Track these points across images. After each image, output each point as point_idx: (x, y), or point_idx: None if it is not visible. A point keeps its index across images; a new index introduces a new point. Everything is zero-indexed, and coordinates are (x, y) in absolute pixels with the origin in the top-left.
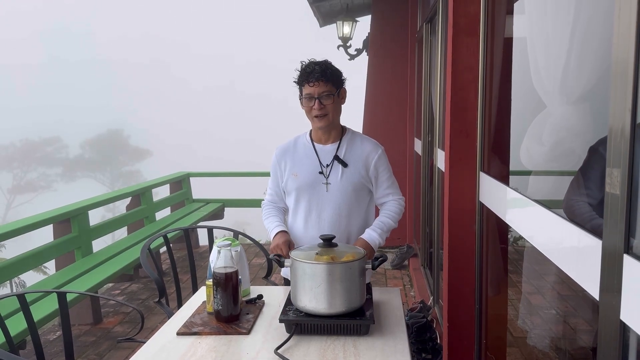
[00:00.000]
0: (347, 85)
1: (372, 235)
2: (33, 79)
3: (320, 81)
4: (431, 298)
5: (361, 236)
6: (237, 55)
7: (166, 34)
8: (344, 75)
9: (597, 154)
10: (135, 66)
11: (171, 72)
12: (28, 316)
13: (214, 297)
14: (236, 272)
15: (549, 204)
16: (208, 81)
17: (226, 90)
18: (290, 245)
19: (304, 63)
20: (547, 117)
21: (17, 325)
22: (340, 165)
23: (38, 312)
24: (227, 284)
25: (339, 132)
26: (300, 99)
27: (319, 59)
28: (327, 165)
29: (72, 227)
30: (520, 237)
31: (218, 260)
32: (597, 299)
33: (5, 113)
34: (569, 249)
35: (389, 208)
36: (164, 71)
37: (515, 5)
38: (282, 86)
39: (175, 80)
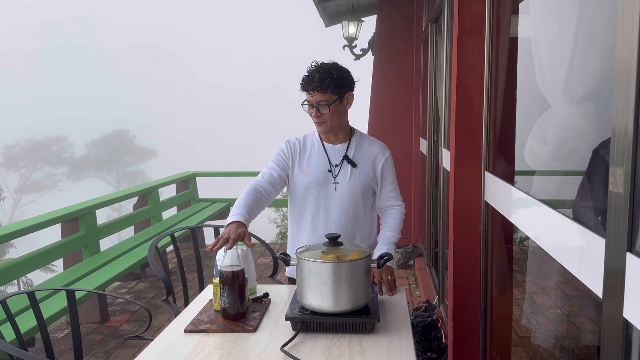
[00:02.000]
0: None
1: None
2: (34, 71)
3: (317, 91)
4: (436, 297)
5: (378, 255)
6: (236, 53)
7: (173, 26)
8: (356, 77)
9: (598, 156)
10: (140, 57)
11: (176, 65)
12: (38, 314)
13: (221, 295)
14: (242, 271)
15: (553, 204)
16: (212, 77)
17: (229, 87)
18: (241, 236)
19: (313, 65)
20: (552, 116)
21: (25, 323)
22: (349, 165)
23: (46, 310)
24: (234, 282)
25: (348, 133)
26: (302, 103)
27: (325, 59)
28: (337, 165)
29: (79, 226)
30: (526, 238)
31: (225, 259)
32: (601, 297)
33: (7, 109)
34: (573, 248)
35: (391, 221)
36: (170, 63)
37: (520, 5)
38: (285, 85)
39: (181, 74)
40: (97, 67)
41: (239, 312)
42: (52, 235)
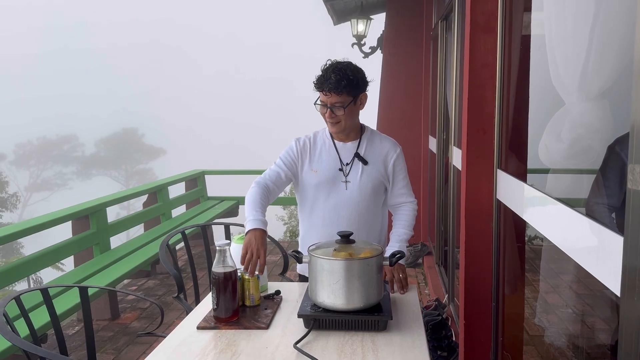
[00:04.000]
0: None
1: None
2: (38, 70)
3: (333, 92)
4: (446, 296)
5: (390, 253)
6: (250, 47)
7: (179, 19)
8: (369, 77)
9: (613, 153)
10: (143, 53)
11: (179, 58)
12: (51, 310)
13: (213, 298)
14: (235, 272)
15: (568, 202)
16: (218, 67)
17: (235, 78)
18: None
19: (327, 63)
20: (566, 114)
21: (37, 319)
22: (360, 163)
23: (57, 307)
24: (227, 284)
25: (358, 131)
26: (315, 102)
27: (336, 57)
28: (348, 164)
29: (90, 223)
30: (536, 237)
31: (217, 260)
32: (619, 295)
33: (16, 104)
34: (590, 246)
35: (403, 218)
36: (173, 56)
37: (534, 1)
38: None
39: (183, 67)
40: (100, 66)
41: (233, 312)
42: (62, 233)
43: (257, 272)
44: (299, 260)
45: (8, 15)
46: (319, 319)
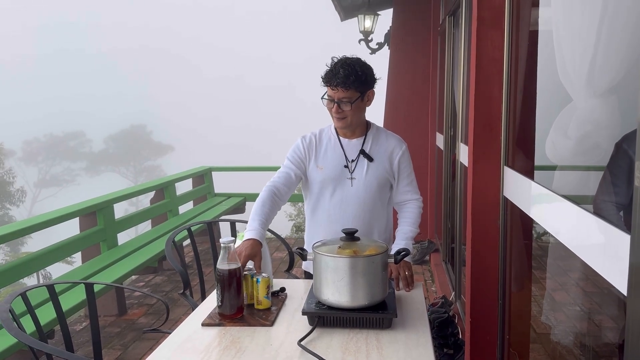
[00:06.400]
0: None
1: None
2: (40, 70)
3: (340, 87)
4: (453, 293)
5: (396, 250)
6: (254, 48)
7: (175, 28)
8: (376, 74)
9: (621, 150)
10: (145, 55)
11: (183, 61)
12: (57, 306)
13: (218, 295)
14: (239, 269)
15: (575, 200)
16: (222, 71)
17: (241, 81)
18: (254, 259)
19: (334, 60)
20: (573, 110)
21: (44, 315)
22: (366, 159)
23: (65, 303)
24: (231, 281)
25: (364, 127)
26: (322, 97)
27: (342, 53)
28: (353, 161)
29: (98, 220)
30: (544, 233)
31: (221, 257)
32: (625, 294)
33: (22, 107)
34: (597, 245)
35: (409, 216)
36: (175, 61)
37: None
38: (301, 80)
39: (186, 70)
40: (103, 67)
41: (238, 309)
42: (70, 229)
43: (263, 274)
44: (304, 258)
45: (3, 16)
46: (324, 317)
